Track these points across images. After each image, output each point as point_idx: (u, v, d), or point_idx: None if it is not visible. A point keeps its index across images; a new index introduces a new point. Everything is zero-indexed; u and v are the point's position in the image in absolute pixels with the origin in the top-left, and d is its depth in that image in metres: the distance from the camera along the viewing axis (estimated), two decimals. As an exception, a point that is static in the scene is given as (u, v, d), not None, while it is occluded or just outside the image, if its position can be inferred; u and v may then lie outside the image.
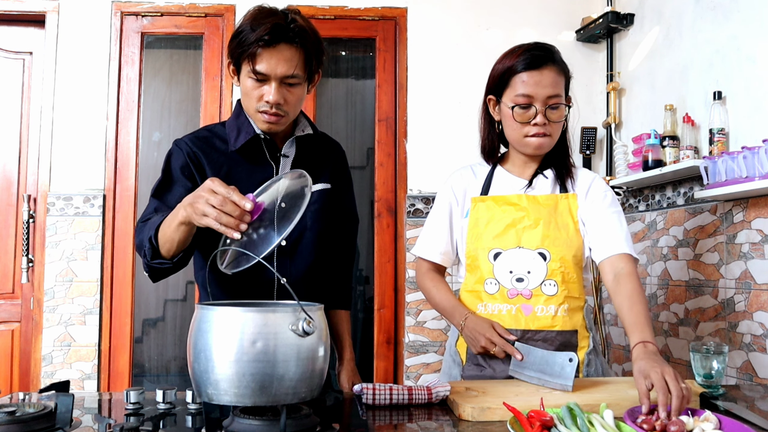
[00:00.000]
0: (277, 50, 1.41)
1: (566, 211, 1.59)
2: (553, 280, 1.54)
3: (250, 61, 1.42)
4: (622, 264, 1.50)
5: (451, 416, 1.24)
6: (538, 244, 1.55)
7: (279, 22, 1.41)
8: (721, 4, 2.25)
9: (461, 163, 1.80)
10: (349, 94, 3.56)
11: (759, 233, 2.04)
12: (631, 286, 1.46)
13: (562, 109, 1.57)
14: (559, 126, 1.58)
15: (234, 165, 1.55)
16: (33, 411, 1.08)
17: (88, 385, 2.87)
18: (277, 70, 1.42)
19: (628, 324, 1.42)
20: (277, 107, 1.45)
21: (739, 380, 2.10)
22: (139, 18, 3.02)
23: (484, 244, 1.60)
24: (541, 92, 1.53)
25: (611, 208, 1.59)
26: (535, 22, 3.09)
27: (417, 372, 2.96)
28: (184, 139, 1.58)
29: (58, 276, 2.89)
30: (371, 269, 3.07)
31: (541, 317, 1.54)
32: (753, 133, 2.07)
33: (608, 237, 1.54)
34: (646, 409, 1.16)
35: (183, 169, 1.52)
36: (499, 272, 1.57)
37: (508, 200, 1.61)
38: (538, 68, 1.54)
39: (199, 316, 1.07)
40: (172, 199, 1.46)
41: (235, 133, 1.55)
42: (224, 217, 1.16)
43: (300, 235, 1.58)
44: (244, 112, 1.57)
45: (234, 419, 1.07)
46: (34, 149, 3.00)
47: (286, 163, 1.59)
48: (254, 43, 1.40)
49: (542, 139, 1.56)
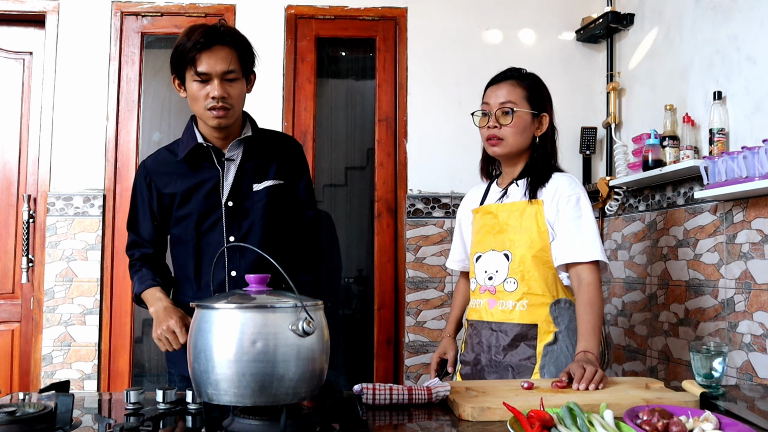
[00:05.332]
0: (213, 51, 1.62)
1: (532, 215, 1.73)
2: (513, 278, 1.72)
3: (192, 66, 1.62)
4: (584, 274, 1.66)
5: (451, 416, 1.24)
6: (503, 246, 1.75)
7: (211, 28, 1.64)
8: (721, 4, 2.25)
9: (461, 163, 1.92)
10: (349, 95, 3.56)
11: (759, 233, 2.04)
12: (587, 296, 1.64)
13: (514, 116, 1.74)
14: (514, 131, 1.74)
15: (183, 176, 1.75)
16: (33, 411, 1.08)
17: (88, 385, 2.87)
18: (217, 67, 1.62)
19: (579, 332, 1.63)
20: (223, 101, 1.63)
21: (739, 380, 2.10)
22: (139, 18, 3.02)
23: (472, 249, 1.86)
24: (495, 101, 1.77)
25: (573, 214, 1.70)
26: (535, 22, 3.09)
27: (417, 372, 2.96)
28: (146, 161, 1.83)
29: (58, 276, 2.89)
30: (371, 269, 3.07)
31: (501, 311, 1.73)
32: (753, 133, 2.07)
33: (567, 245, 1.68)
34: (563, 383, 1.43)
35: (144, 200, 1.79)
36: (478, 272, 1.80)
37: (489, 209, 1.82)
38: (497, 83, 1.80)
39: (199, 316, 1.07)
40: (144, 233, 1.79)
41: (183, 146, 1.75)
42: (163, 343, 1.59)
43: (248, 229, 1.75)
44: (192, 126, 1.77)
45: (234, 419, 1.07)
46: (34, 149, 3.00)
47: (230, 166, 1.75)
48: (192, 49, 1.61)
49: (495, 141, 1.76)
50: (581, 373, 1.44)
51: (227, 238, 1.73)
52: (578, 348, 1.59)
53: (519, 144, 1.76)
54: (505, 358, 1.71)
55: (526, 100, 1.76)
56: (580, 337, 1.61)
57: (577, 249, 1.66)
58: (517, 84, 1.77)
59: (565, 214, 1.69)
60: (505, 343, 1.71)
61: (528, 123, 1.76)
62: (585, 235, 1.67)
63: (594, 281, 1.65)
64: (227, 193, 1.74)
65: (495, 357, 1.72)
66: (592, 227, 1.69)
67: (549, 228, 1.71)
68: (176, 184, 1.75)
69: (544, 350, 1.68)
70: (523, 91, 1.76)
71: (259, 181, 1.77)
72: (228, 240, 1.73)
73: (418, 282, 2.99)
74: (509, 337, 1.71)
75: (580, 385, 1.41)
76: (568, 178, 1.76)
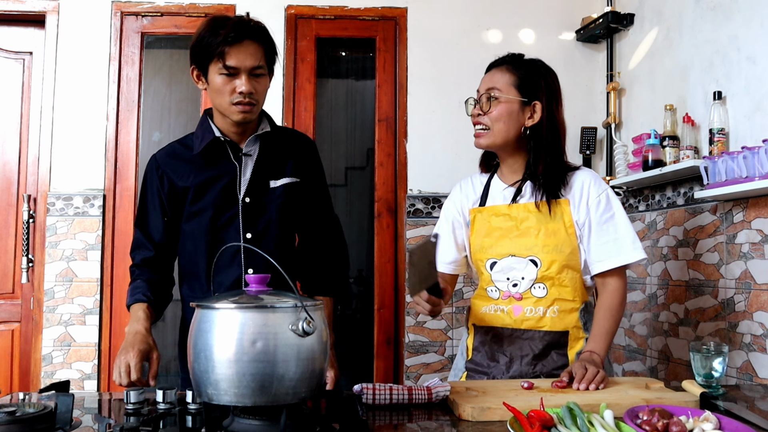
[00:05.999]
0: (243, 46, 1.58)
1: (558, 216, 1.62)
2: (543, 284, 1.62)
3: (220, 59, 1.58)
4: (611, 278, 1.62)
5: (451, 416, 1.24)
6: (528, 252, 1.62)
7: (240, 21, 1.60)
8: (721, 4, 2.25)
9: (461, 163, 1.87)
10: (349, 95, 3.57)
11: (759, 233, 2.04)
12: (610, 302, 1.60)
13: (496, 102, 1.63)
14: (496, 118, 1.63)
15: (198, 169, 1.71)
16: (33, 411, 1.08)
17: (88, 385, 2.87)
18: (246, 62, 1.59)
19: (591, 333, 1.59)
20: (250, 96, 1.61)
21: (739, 380, 2.10)
22: (139, 18, 3.02)
23: (482, 254, 1.69)
24: (481, 88, 1.68)
25: (606, 214, 1.62)
26: (535, 22, 3.09)
27: (417, 372, 2.96)
28: (156, 155, 1.77)
29: (58, 276, 2.89)
30: (371, 269, 3.07)
31: (529, 318, 1.63)
32: (753, 133, 2.07)
33: (601, 251, 1.61)
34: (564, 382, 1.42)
35: (155, 194, 1.73)
36: (498, 280, 1.67)
37: (500, 210, 1.68)
38: (490, 70, 1.71)
39: (199, 316, 1.07)
40: (153, 229, 1.73)
41: (199, 140, 1.71)
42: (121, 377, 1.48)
43: (265, 227, 1.72)
44: (208, 120, 1.73)
45: (234, 419, 1.07)
46: (34, 149, 2.99)
47: (248, 162, 1.72)
48: (223, 42, 1.56)
49: (478, 131, 1.68)
50: (582, 373, 1.42)
51: (244, 235, 1.69)
52: (586, 347, 1.56)
53: (504, 134, 1.63)
54: (536, 368, 1.62)
55: (515, 87, 1.63)
56: (592, 338, 1.57)
57: (613, 255, 1.59)
58: (507, 70, 1.66)
59: (597, 216, 1.61)
60: (536, 352, 1.62)
61: (515, 111, 1.63)
62: (623, 236, 1.60)
63: (621, 287, 1.60)
64: (244, 189, 1.70)
65: (524, 368, 1.62)
66: (627, 225, 1.61)
67: (577, 229, 1.62)
68: (191, 177, 1.70)
69: (576, 358, 1.60)
70: (512, 77, 1.64)
71: (276, 178, 1.73)
72: (245, 237, 1.69)
73: (418, 282, 2.98)
74: (540, 346, 1.62)
75: (580, 385, 1.40)
76: (591, 175, 1.67)
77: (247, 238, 1.69)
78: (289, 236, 1.78)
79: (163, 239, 1.74)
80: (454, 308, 2.97)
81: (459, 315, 2.95)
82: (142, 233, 1.74)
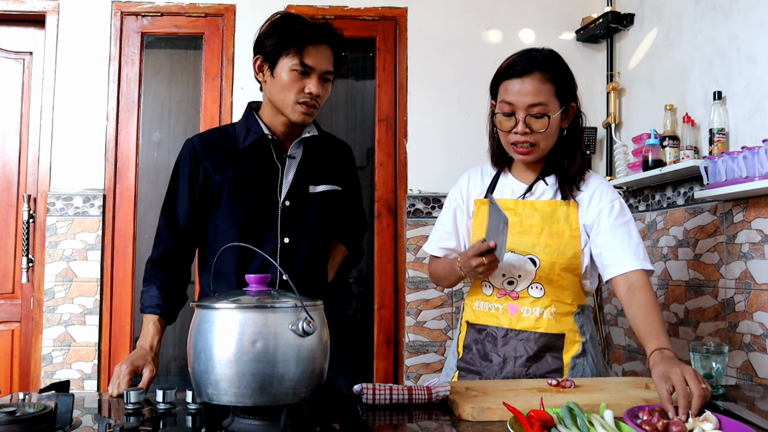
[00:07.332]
0: (322, 48, 1.58)
1: (564, 218, 1.58)
2: (540, 284, 1.58)
3: (298, 55, 1.54)
4: (636, 277, 1.51)
5: (451, 416, 1.24)
6: (528, 250, 1.58)
7: (325, 24, 1.60)
8: (721, 4, 2.25)
9: (461, 163, 1.84)
10: (349, 95, 3.57)
11: (759, 233, 2.04)
12: (645, 296, 1.48)
13: (547, 120, 1.52)
14: (546, 135, 1.54)
15: (240, 165, 1.63)
16: (33, 411, 1.08)
17: (88, 385, 2.87)
18: (321, 65, 1.57)
19: (643, 332, 1.44)
20: (316, 99, 1.58)
21: (739, 380, 2.10)
22: (139, 18, 3.01)
23: None
24: (521, 100, 1.51)
25: (619, 220, 1.57)
26: (535, 22, 3.09)
27: (417, 372, 2.96)
28: (194, 139, 1.69)
29: (58, 276, 2.89)
30: (371, 269, 3.07)
31: (525, 318, 1.58)
32: (753, 133, 2.07)
33: (618, 255, 1.54)
34: (672, 414, 1.16)
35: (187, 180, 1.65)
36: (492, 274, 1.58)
37: (506, 205, 1.60)
38: (520, 76, 1.53)
39: (199, 316, 1.07)
40: (180, 215, 1.64)
41: (244, 133, 1.64)
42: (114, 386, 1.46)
43: (303, 232, 1.66)
44: (254, 114, 1.66)
45: (234, 419, 1.07)
46: (34, 149, 2.99)
47: (291, 164, 1.66)
48: (306, 39, 1.54)
49: (524, 148, 1.55)
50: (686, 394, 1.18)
51: (281, 240, 1.63)
52: (649, 347, 1.40)
53: (550, 146, 1.58)
54: (530, 370, 1.57)
55: (556, 97, 1.54)
56: (649, 335, 1.43)
57: (631, 258, 1.53)
58: (544, 78, 1.52)
59: (611, 222, 1.56)
60: (530, 353, 1.57)
61: (559, 122, 1.56)
62: (635, 242, 1.55)
63: (648, 284, 1.51)
64: (285, 192, 1.64)
65: (518, 369, 1.57)
66: (638, 234, 1.58)
67: (583, 233, 1.58)
68: (229, 171, 1.63)
69: (571, 362, 1.57)
70: (552, 87, 1.53)
71: (316, 184, 1.68)
72: (282, 242, 1.62)
73: (418, 282, 2.98)
74: (535, 348, 1.57)
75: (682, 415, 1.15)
76: (604, 181, 1.63)
77: (284, 243, 1.63)
78: (325, 244, 1.73)
79: (187, 227, 1.66)
80: (454, 308, 2.97)
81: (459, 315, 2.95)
82: (166, 220, 1.65)
